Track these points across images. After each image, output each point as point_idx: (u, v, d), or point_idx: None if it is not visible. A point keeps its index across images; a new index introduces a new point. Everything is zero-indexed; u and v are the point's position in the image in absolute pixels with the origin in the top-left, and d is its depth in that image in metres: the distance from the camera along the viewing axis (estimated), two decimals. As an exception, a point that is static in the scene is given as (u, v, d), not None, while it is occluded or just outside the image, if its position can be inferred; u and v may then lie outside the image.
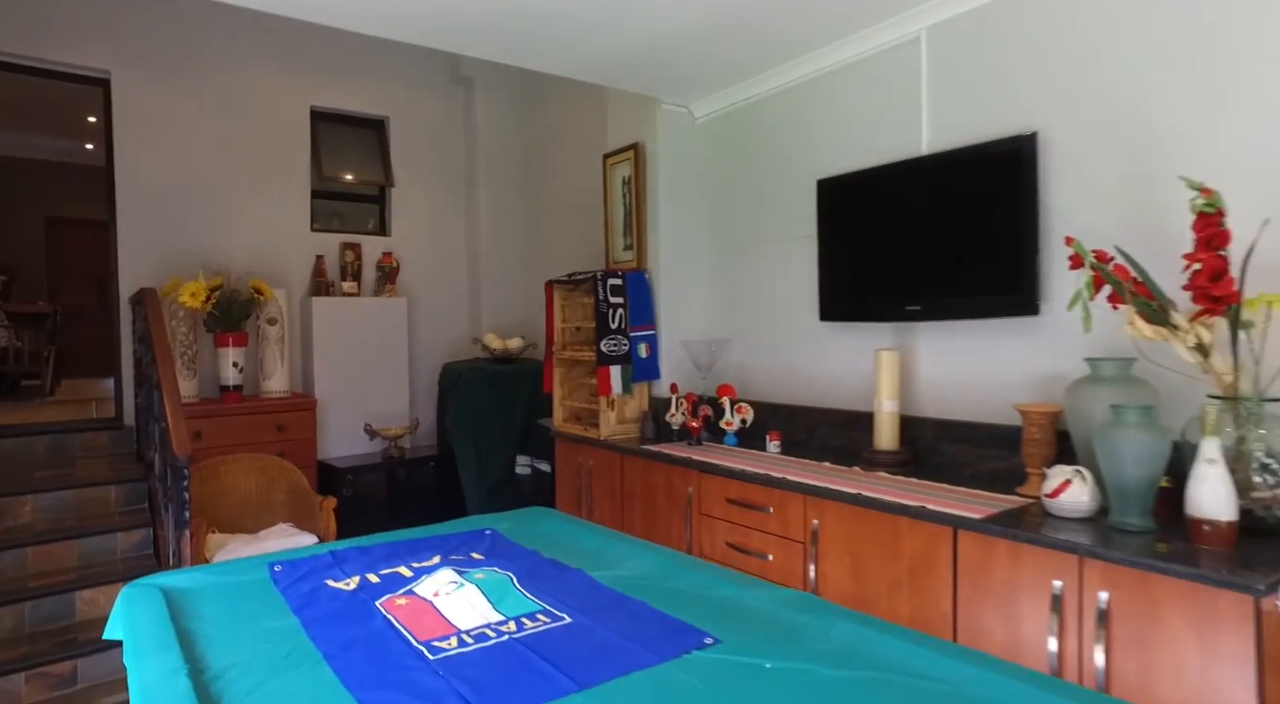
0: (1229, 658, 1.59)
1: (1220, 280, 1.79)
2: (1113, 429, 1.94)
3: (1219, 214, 1.80)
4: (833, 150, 3.16)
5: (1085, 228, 2.29)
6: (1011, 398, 2.51)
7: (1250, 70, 2.04)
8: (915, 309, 2.77)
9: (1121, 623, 1.76)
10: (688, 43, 3.09)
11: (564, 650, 1.42)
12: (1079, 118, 2.39)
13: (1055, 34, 2.45)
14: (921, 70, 2.82)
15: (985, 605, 2.03)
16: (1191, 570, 1.63)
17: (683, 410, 3.48)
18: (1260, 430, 1.84)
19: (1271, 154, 2.00)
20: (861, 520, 2.34)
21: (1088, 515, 2.02)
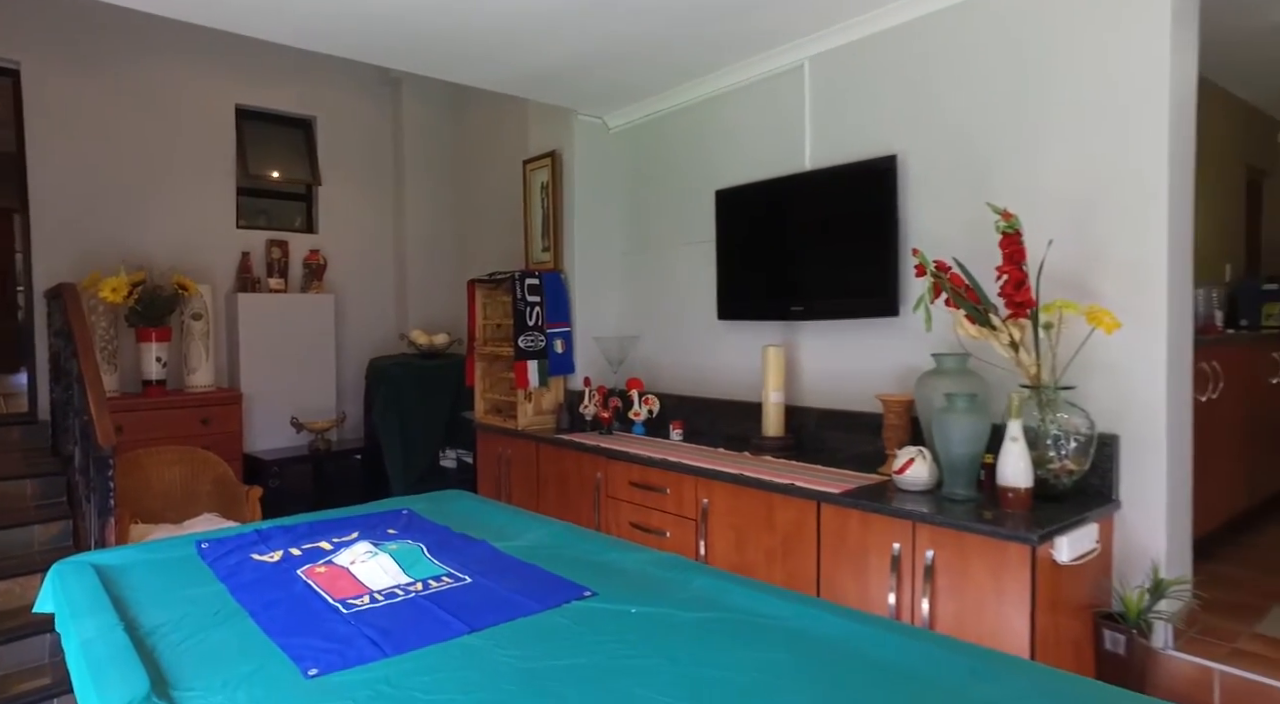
0: (1014, 596, 1.95)
1: (1021, 288, 2.15)
2: (945, 414, 2.28)
3: (1017, 234, 2.15)
4: (729, 164, 3.47)
5: (936, 239, 2.64)
6: (878, 388, 2.85)
7: (1053, 113, 2.41)
8: (799, 309, 3.10)
9: (943, 575, 2.10)
10: (598, 63, 3.34)
11: (462, 604, 1.66)
12: (928, 144, 2.74)
13: (912, 70, 2.79)
14: (805, 95, 3.14)
15: (842, 567, 2.35)
16: (989, 528, 1.98)
17: (595, 402, 3.73)
18: (1056, 413, 2.20)
19: (1065, 185, 2.38)
20: (743, 498, 2.64)
21: (927, 488, 2.36)
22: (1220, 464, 2.99)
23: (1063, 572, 2.02)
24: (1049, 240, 2.27)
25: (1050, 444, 2.21)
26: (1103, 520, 2.21)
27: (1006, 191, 2.48)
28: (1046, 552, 1.98)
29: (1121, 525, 2.28)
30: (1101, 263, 2.30)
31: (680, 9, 2.82)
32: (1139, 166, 2.24)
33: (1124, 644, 2.12)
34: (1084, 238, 2.33)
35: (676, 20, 2.92)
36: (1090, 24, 2.34)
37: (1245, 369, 3.23)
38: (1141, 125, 2.23)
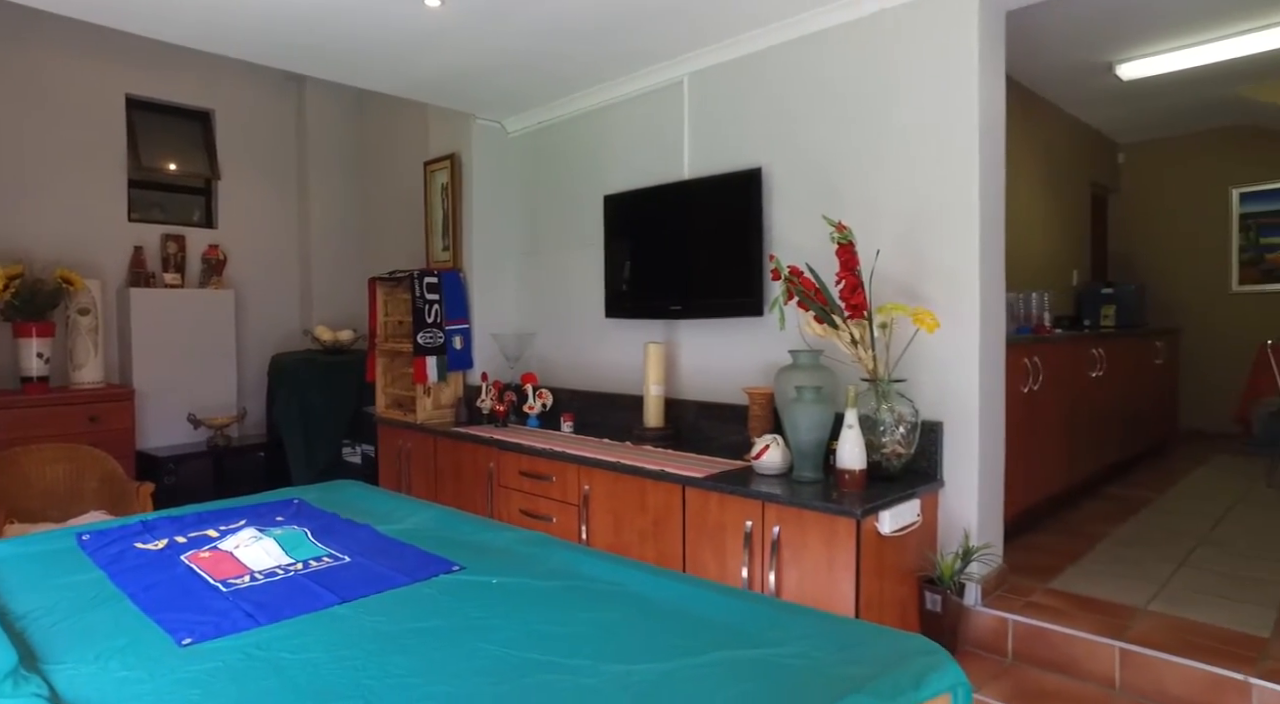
0: (843, 564, 2.22)
1: (856, 292, 2.43)
2: (795, 405, 2.55)
3: (851, 244, 2.44)
4: (617, 171, 3.68)
5: (796, 246, 2.91)
6: (746, 382, 3.12)
7: (891, 138, 2.70)
8: (678, 309, 3.33)
9: (787, 548, 2.36)
10: (493, 72, 3.49)
11: (338, 580, 1.80)
12: (789, 159, 3.01)
13: (777, 91, 3.06)
14: (684, 109, 3.38)
15: (704, 544, 2.60)
16: (823, 505, 2.25)
17: (491, 396, 3.89)
18: (888, 403, 2.50)
19: (899, 201, 2.69)
20: (620, 484, 2.86)
21: (780, 472, 2.62)
22: (1043, 447, 3.39)
23: (886, 542, 2.32)
24: (877, 250, 2.58)
25: (883, 431, 2.51)
26: (926, 497, 2.52)
27: (852, 205, 2.78)
28: (871, 524, 2.26)
29: (944, 501, 2.60)
30: (928, 270, 2.62)
31: (568, 26, 3.01)
32: (957, 187, 2.55)
33: (940, 603, 2.43)
34: (914, 248, 2.65)
35: (566, 36, 3.11)
36: (917, 61, 2.65)
37: (1067, 364, 3.65)
38: (958, 152, 2.55)
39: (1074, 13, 3.71)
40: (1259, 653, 2.17)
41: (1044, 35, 4.04)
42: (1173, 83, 4.84)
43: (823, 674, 1.30)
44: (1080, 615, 2.45)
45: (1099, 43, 4.22)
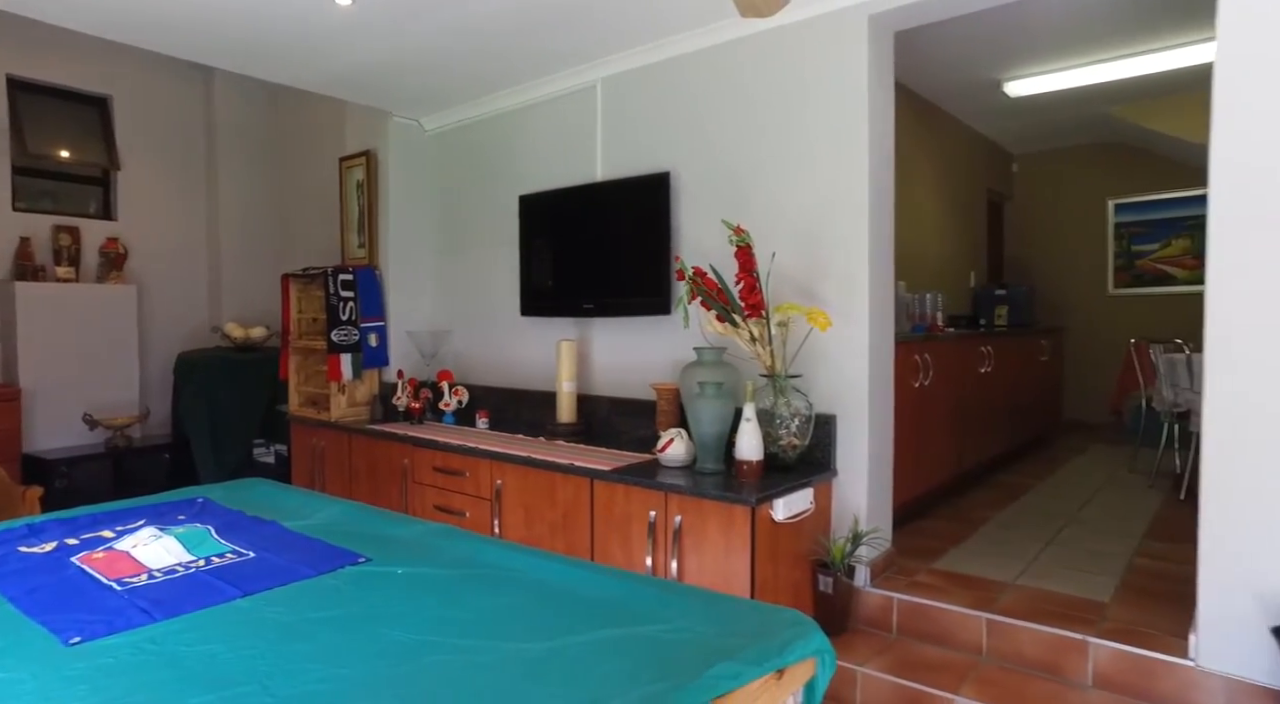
0: (739, 549, 2.36)
1: (754, 293, 2.57)
2: (698, 399, 2.67)
3: (749, 247, 2.58)
4: (533, 171, 3.74)
5: (702, 248, 3.04)
6: (656, 378, 3.23)
7: (792, 147, 2.87)
8: (590, 307, 3.42)
9: (688, 536, 2.49)
10: (408, 71, 3.50)
11: (240, 575, 1.82)
12: (697, 164, 3.14)
13: (686, 98, 3.18)
14: (597, 112, 3.47)
15: (611, 535, 2.69)
16: (720, 494, 2.38)
17: (407, 394, 3.89)
18: (785, 398, 2.66)
19: (799, 206, 2.85)
20: (531, 478, 2.93)
21: (685, 464, 2.75)
22: (934, 438, 3.63)
23: (781, 528, 2.47)
24: (773, 253, 2.73)
25: (780, 424, 2.66)
26: (820, 486, 2.69)
27: (754, 208, 2.92)
28: (766, 512, 2.40)
29: (837, 489, 2.78)
30: (823, 271, 2.79)
31: (483, 27, 3.05)
32: (848, 192, 2.73)
33: (832, 585, 2.60)
34: (810, 250, 2.81)
35: (481, 37, 3.15)
36: (812, 74, 2.81)
37: (957, 360, 3.92)
38: (850, 160, 2.72)
39: (963, 34, 3.97)
40: (1099, 616, 2.42)
41: (939, 53, 4.30)
42: (1054, 101, 5.21)
43: (700, 647, 1.41)
44: (957, 592, 2.66)
45: (987, 62, 4.51)
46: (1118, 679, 2.21)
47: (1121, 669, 2.21)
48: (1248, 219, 2.02)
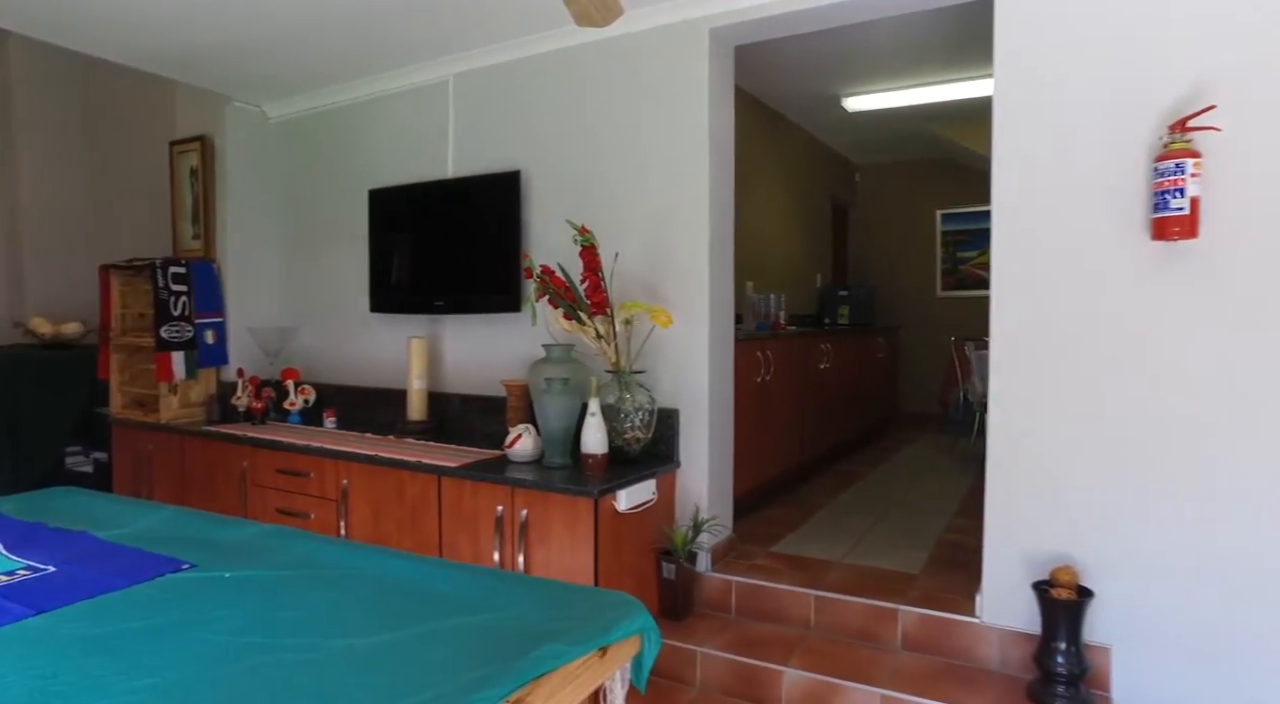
0: (583, 541, 2.43)
1: (598, 291, 2.66)
2: (545, 395, 2.72)
3: (593, 247, 2.66)
4: (383, 165, 3.66)
5: (552, 247, 3.09)
6: (508, 375, 3.26)
7: (639, 149, 2.98)
8: (441, 304, 3.40)
9: (534, 529, 2.53)
10: (249, 54, 3.32)
11: (34, 591, 1.68)
12: (548, 163, 3.19)
13: (537, 97, 3.22)
14: (449, 108, 3.44)
15: (459, 531, 2.70)
16: (564, 487, 2.45)
17: (248, 393, 3.70)
18: (629, 393, 2.76)
19: (645, 207, 2.96)
20: (379, 477, 2.88)
21: (533, 459, 2.79)
22: (775, 430, 3.87)
23: (624, 518, 2.56)
24: (615, 253, 2.83)
25: (624, 418, 2.76)
26: (663, 477, 2.81)
27: (601, 209, 3.01)
28: (609, 503, 2.49)
29: (680, 480, 2.92)
30: (666, 270, 2.91)
31: (328, 17, 2.95)
32: (690, 196, 2.87)
33: (675, 571, 2.73)
34: (655, 250, 2.93)
35: (325, 26, 3.04)
36: (656, 81, 2.93)
37: (798, 357, 4.19)
38: (691, 165, 2.86)
39: (805, 51, 4.24)
40: (910, 586, 2.69)
41: (784, 67, 4.56)
42: (888, 117, 5.66)
43: (529, 631, 1.47)
44: (790, 573, 2.86)
45: (828, 78, 4.84)
46: (922, 640, 2.47)
47: (925, 631, 2.47)
48: (1020, 232, 2.31)
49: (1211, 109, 2.02)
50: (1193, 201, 2.03)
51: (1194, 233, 2.05)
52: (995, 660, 2.36)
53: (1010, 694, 2.20)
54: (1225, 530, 2.07)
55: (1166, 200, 2.05)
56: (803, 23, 2.79)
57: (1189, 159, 2.01)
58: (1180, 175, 2.02)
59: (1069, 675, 2.12)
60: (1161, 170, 2.06)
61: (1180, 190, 2.03)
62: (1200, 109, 2.03)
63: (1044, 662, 2.16)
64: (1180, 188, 2.03)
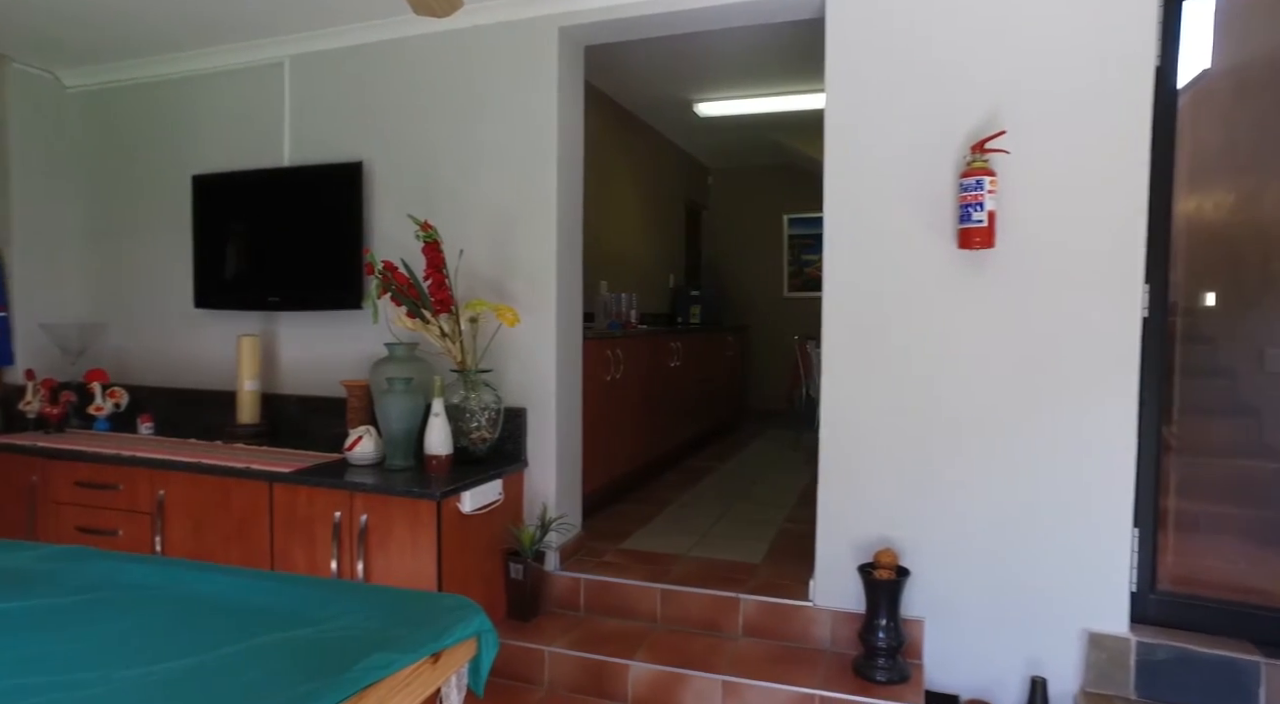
0: (426, 544, 2.36)
1: (442, 288, 2.59)
2: (386, 395, 2.61)
3: (437, 243, 2.59)
4: (211, 149, 3.38)
5: (397, 243, 2.97)
6: (350, 375, 3.10)
7: (486, 145, 2.93)
8: (276, 300, 3.18)
9: (375, 535, 2.43)
10: (35, 7, 2.95)
11: None
12: (393, 156, 3.07)
13: (382, 87, 3.09)
14: (286, 92, 3.23)
15: (293, 540, 2.54)
16: (405, 489, 2.37)
17: (40, 398, 3.30)
18: (475, 392, 2.70)
19: (493, 204, 2.91)
20: (201, 487, 2.65)
21: (374, 462, 2.68)
22: (626, 427, 3.93)
23: (469, 520, 2.51)
24: (460, 250, 2.78)
25: (470, 418, 2.70)
26: (510, 477, 2.78)
27: (449, 205, 2.94)
28: (453, 505, 2.43)
29: (528, 479, 2.89)
30: (514, 269, 2.88)
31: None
32: (538, 194, 2.85)
33: (523, 571, 2.71)
34: (502, 248, 2.89)
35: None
36: (506, 77, 2.89)
37: (648, 355, 4.28)
38: (540, 163, 2.85)
39: (656, 54, 4.33)
40: (751, 576, 2.81)
41: (637, 69, 4.64)
42: (738, 124, 5.89)
43: (358, 641, 1.40)
44: (638, 568, 2.91)
45: (679, 82, 4.96)
46: (761, 626, 2.59)
47: (764, 617, 2.59)
48: (848, 239, 2.48)
49: (1002, 134, 2.25)
50: (990, 215, 2.25)
51: (991, 242, 2.27)
52: (826, 640, 2.52)
53: (838, 670, 2.36)
54: (1011, 510, 2.32)
55: (969, 213, 2.27)
56: (650, 27, 2.84)
57: (986, 177, 2.23)
58: (980, 191, 2.24)
59: (888, 648, 2.30)
60: (965, 186, 2.27)
61: (980, 204, 2.25)
62: (993, 134, 2.26)
63: (867, 638, 2.32)
64: (980, 202, 2.24)
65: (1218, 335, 3.71)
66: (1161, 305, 2.27)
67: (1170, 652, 2.19)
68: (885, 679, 2.27)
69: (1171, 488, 2.96)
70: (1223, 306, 3.71)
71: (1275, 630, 2.21)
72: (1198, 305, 3.74)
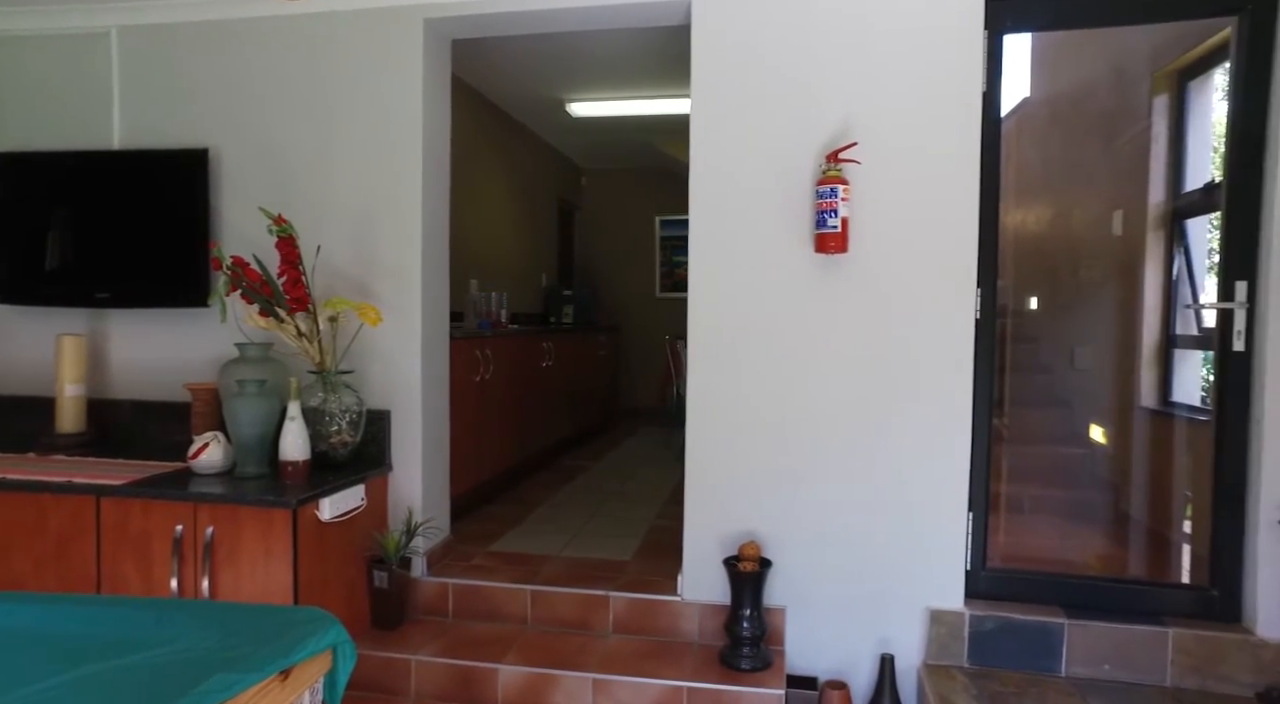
0: (280, 555, 2.23)
1: (297, 286, 2.45)
2: (236, 399, 2.44)
3: (292, 238, 2.46)
4: (20, 123, 3.03)
5: (249, 237, 2.78)
6: (195, 378, 2.87)
7: (346, 137, 2.79)
8: (106, 297, 2.90)
9: (222, 548, 2.26)
10: None
11: None
12: (244, 145, 2.87)
13: (230, 69, 2.88)
14: (114, 66, 2.95)
15: (125, 560, 2.32)
16: (257, 498, 2.23)
17: None
18: (335, 394, 2.58)
19: (353, 200, 2.79)
20: (7, 506, 2.37)
21: (223, 470, 2.49)
22: (497, 428, 3.88)
23: (329, 527, 2.39)
24: (318, 246, 2.65)
25: (329, 421, 2.57)
26: (374, 481, 2.67)
27: (306, 199, 2.79)
28: (311, 513, 2.31)
29: (393, 484, 2.79)
30: (377, 267, 2.77)
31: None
32: (402, 191, 2.76)
33: (387, 579, 2.61)
34: (365, 245, 2.77)
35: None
36: (367, 68, 2.77)
37: (519, 355, 4.24)
38: (403, 159, 2.75)
39: (527, 51, 4.29)
40: (621, 573, 2.85)
41: (509, 66, 4.58)
42: (611, 125, 5.94)
43: (198, 663, 1.31)
44: (508, 570, 2.88)
45: (551, 81, 4.95)
46: (630, 622, 2.62)
47: (633, 614, 2.62)
48: (712, 241, 2.56)
49: (854, 145, 2.40)
50: (844, 221, 2.39)
51: (845, 247, 2.41)
52: (694, 633, 2.59)
53: (705, 661, 2.43)
54: (865, 500, 2.48)
55: (825, 219, 2.40)
56: (517, 25, 2.81)
57: (840, 185, 2.37)
58: (834, 199, 2.37)
59: (752, 637, 2.39)
60: (821, 193, 2.40)
61: (834, 211, 2.38)
62: (846, 145, 2.40)
63: (732, 628, 2.41)
64: (834, 209, 2.38)
65: (1040, 336, 4.13)
66: (991, 308, 2.48)
67: (996, 622, 2.41)
68: (750, 667, 2.36)
69: (1003, 474, 3.27)
70: (1043, 310, 4.13)
71: (1078, 595, 2.48)
72: (1024, 308, 4.15)
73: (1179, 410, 3.19)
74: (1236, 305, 2.35)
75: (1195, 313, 3.14)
